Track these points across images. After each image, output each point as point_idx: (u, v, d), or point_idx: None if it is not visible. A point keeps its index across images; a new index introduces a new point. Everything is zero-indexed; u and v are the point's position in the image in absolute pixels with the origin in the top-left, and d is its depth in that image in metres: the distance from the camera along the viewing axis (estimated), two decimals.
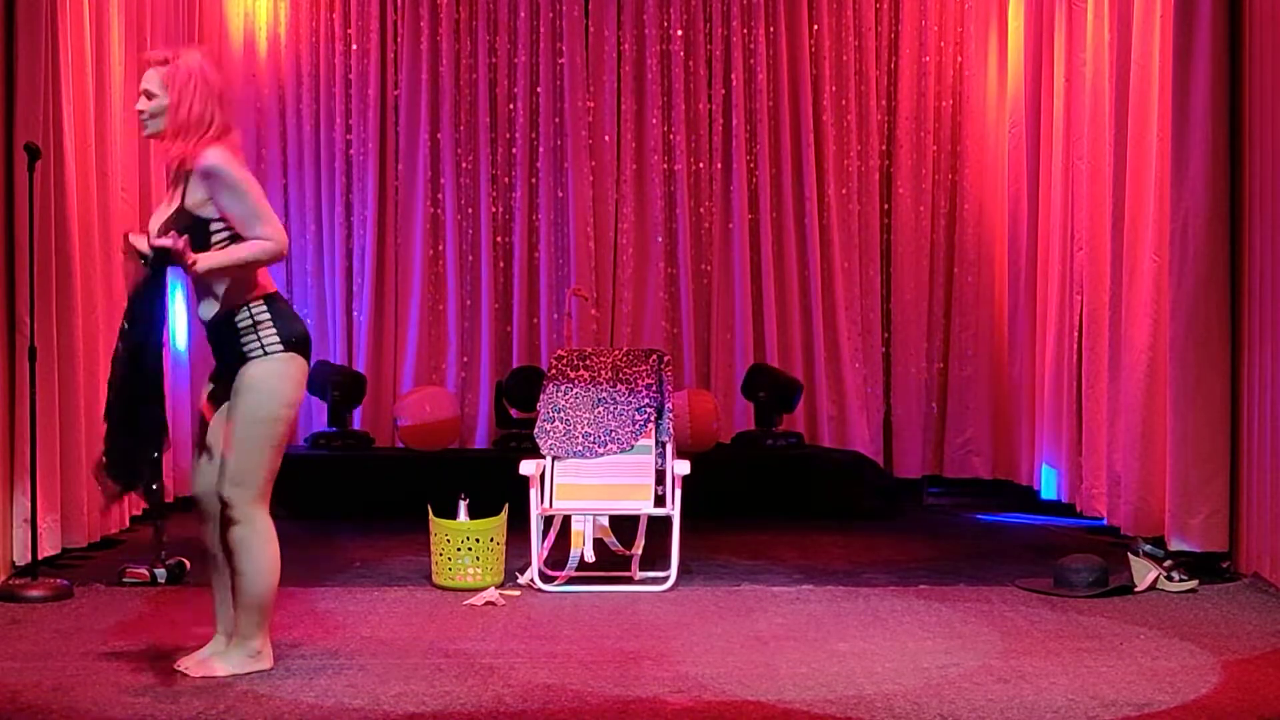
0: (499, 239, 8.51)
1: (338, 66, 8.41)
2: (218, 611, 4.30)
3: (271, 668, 4.20)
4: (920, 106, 8.51)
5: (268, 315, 4.13)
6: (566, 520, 5.67)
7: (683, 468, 5.53)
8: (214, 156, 4.05)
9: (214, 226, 4.09)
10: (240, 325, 4.10)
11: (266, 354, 4.08)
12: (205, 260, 4.01)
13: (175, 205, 4.12)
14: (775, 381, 7.98)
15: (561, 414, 5.80)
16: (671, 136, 8.46)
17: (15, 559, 5.61)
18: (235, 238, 4.11)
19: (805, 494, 7.64)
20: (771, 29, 8.45)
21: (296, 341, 4.14)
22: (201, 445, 4.27)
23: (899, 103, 8.53)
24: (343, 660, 4.32)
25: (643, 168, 8.49)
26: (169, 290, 4.28)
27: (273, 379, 4.09)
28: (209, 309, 4.15)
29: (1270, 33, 5.49)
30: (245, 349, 4.09)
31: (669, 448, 5.70)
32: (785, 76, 8.45)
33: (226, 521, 4.16)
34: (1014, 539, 6.90)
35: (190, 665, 4.18)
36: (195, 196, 4.08)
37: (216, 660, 4.19)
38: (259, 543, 4.18)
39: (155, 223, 4.16)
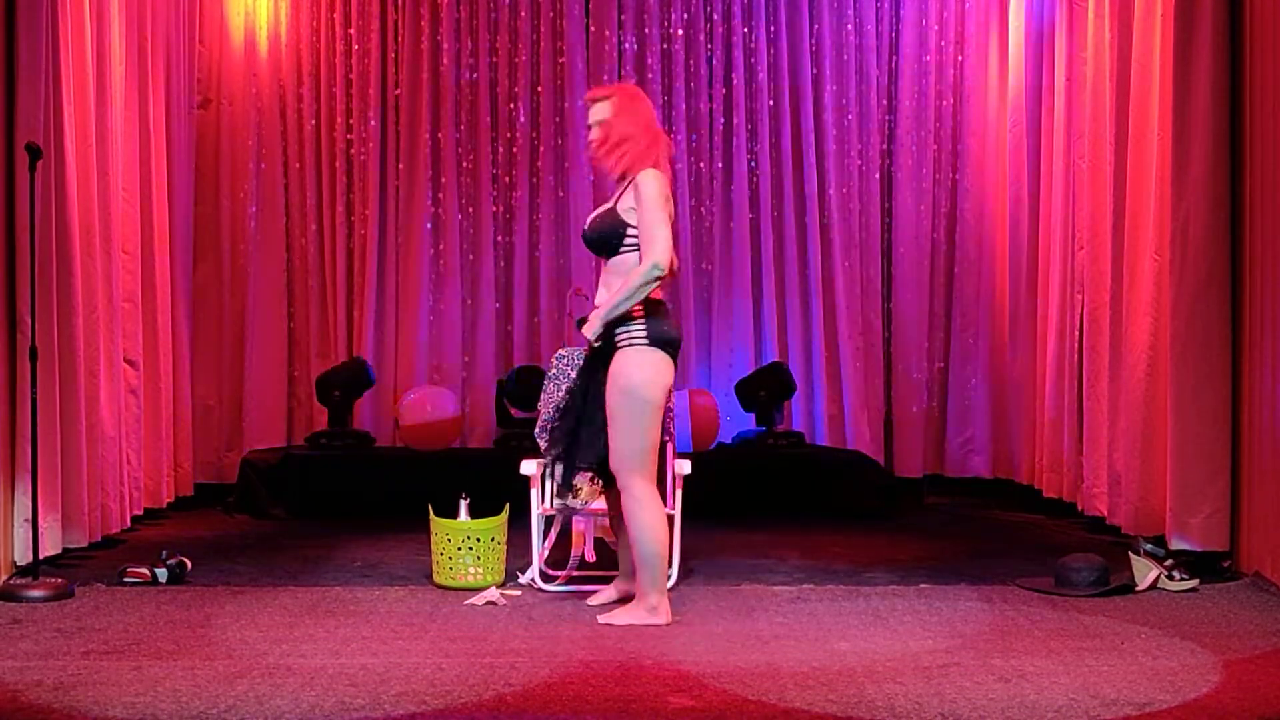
0: (500, 238, 8.51)
1: (338, 66, 8.41)
2: (621, 568, 5.17)
3: (669, 622, 4.79)
4: (921, 106, 8.51)
5: (643, 313, 4.85)
6: (567, 520, 5.67)
7: (683, 468, 5.53)
8: (650, 175, 4.89)
9: (629, 233, 4.89)
10: (621, 321, 4.86)
11: (633, 345, 4.82)
12: (592, 331, 4.89)
13: (608, 206, 4.97)
14: (767, 374, 7.99)
15: None
16: (672, 136, 8.46)
17: (16, 559, 5.62)
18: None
19: (806, 494, 7.65)
20: (772, 28, 8.45)
21: (662, 339, 4.85)
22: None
23: (899, 102, 8.53)
24: (343, 660, 4.32)
25: None
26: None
27: (637, 368, 4.80)
28: (602, 295, 4.92)
29: (1270, 33, 5.49)
30: (616, 339, 4.85)
31: (669, 448, 5.69)
32: (786, 76, 8.45)
33: (619, 491, 4.87)
34: (1014, 538, 6.90)
35: (603, 616, 4.86)
36: (626, 203, 4.91)
37: (620, 612, 4.87)
38: (639, 509, 4.81)
39: (589, 219, 5.04)
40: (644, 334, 4.83)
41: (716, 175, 8.50)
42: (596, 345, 4.92)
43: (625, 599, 5.15)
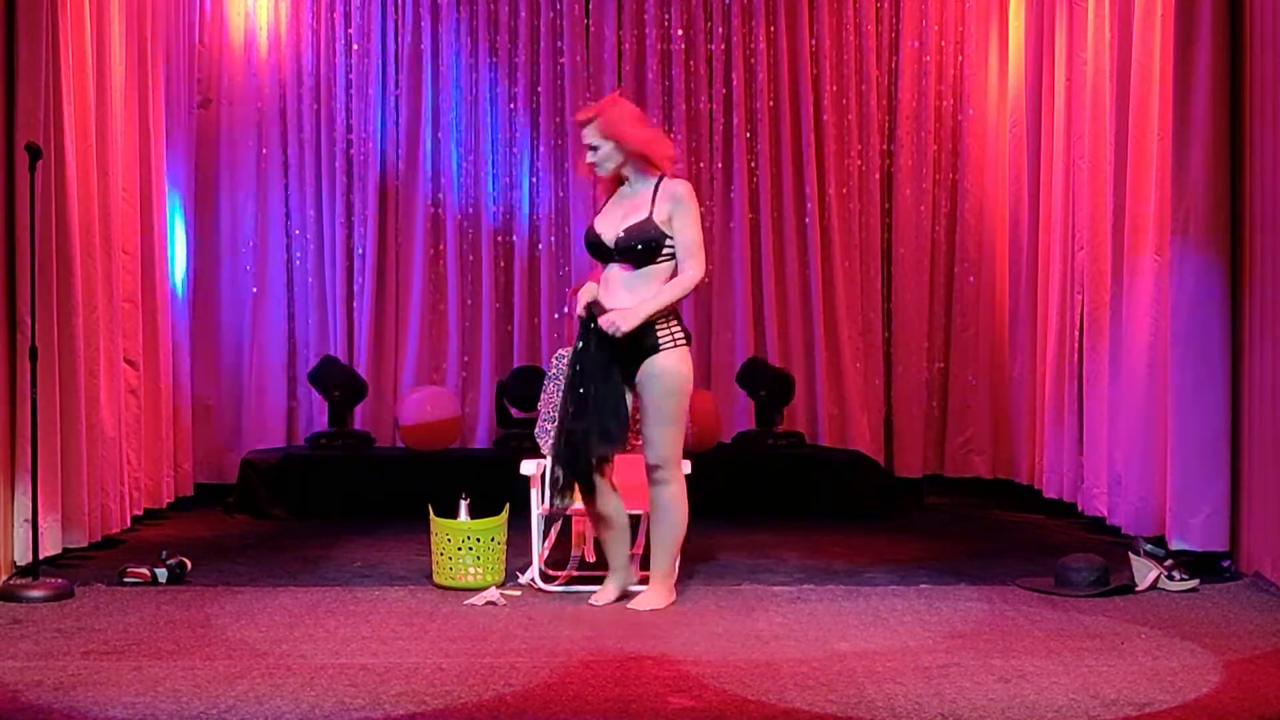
0: (500, 238, 8.50)
1: (338, 66, 8.41)
2: (613, 564, 5.27)
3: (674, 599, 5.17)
4: (921, 106, 8.50)
5: (675, 314, 5.12)
6: (567, 520, 5.67)
7: (683, 467, 5.52)
8: (684, 186, 5.16)
9: (668, 243, 5.08)
10: (657, 321, 5.05)
11: (677, 345, 5.06)
12: (628, 323, 4.97)
13: (642, 215, 5.07)
14: (773, 377, 7.98)
15: None
16: (672, 136, 8.44)
17: (16, 559, 5.61)
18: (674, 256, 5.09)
19: (806, 493, 7.64)
20: (772, 28, 8.45)
21: (689, 339, 5.16)
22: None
23: (899, 102, 8.52)
24: (343, 660, 4.33)
25: None
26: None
27: (682, 365, 5.07)
28: (625, 301, 5.04)
29: (1270, 32, 5.48)
30: (659, 341, 5.03)
31: None
32: (785, 75, 8.44)
33: (658, 483, 5.11)
34: (1014, 539, 6.90)
35: (632, 604, 5.11)
36: (663, 213, 5.08)
37: (648, 597, 5.13)
38: (682, 497, 5.18)
39: (610, 229, 5.11)
40: (684, 335, 5.13)
41: (716, 175, 8.50)
42: (620, 339, 5.01)
43: (624, 597, 5.17)
